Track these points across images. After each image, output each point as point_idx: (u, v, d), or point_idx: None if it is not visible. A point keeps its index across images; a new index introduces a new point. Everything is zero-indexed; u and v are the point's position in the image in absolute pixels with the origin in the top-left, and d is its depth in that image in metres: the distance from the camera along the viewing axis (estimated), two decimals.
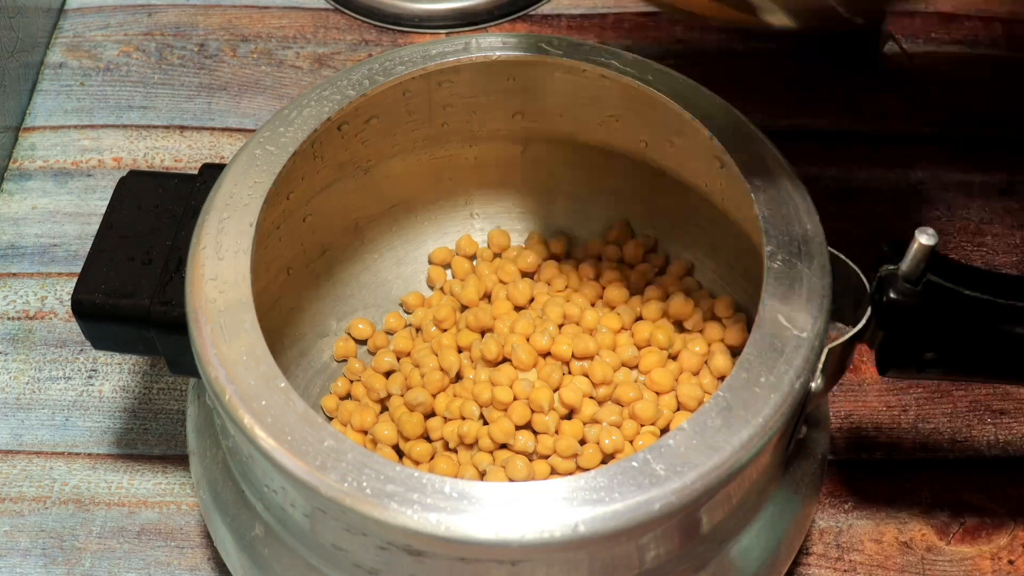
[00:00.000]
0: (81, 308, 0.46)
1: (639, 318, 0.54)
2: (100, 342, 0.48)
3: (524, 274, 0.56)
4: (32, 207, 0.66)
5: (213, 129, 0.69)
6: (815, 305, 0.42)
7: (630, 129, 0.52)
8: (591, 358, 0.52)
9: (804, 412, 0.44)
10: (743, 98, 0.69)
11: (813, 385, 0.42)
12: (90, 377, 0.59)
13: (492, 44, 0.51)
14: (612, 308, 0.54)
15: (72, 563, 0.53)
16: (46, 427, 0.58)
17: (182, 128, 0.69)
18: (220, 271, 0.43)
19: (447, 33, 0.73)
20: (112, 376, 0.59)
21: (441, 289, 0.57)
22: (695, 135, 0.48)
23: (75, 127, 0.69)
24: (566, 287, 0.56)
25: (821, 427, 0.49)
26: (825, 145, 0.68)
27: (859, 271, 0.45)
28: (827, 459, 0.49)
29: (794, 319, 0.42)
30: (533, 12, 0.74)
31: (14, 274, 0.63)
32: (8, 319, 0.61)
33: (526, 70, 0.51)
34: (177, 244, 0.46)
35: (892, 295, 0.43)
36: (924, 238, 0.42)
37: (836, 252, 0.45)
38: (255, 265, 0.45)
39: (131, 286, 0.46)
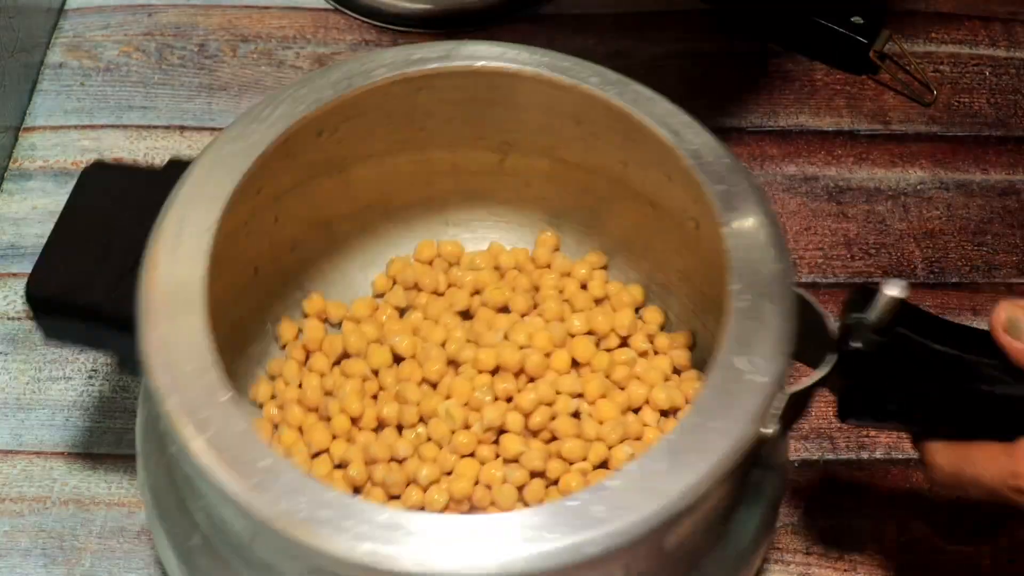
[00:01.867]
0: (34, 300, 0.45)
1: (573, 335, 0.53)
2: (51, 335, 0.47)
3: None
4: (32, 207, 0.66)
5: (213, 129, 0.69)
6: (776, 349, 0.41)
7: (609, 149, 0.51)
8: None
9: (757, 457, 0.42)
10: (743, 98, 0.70)
11: (768, 431, 0.41)
12: (90, 377, 0.59)
13: (474, 52, 0.50)
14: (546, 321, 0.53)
15: (72, 563, 0.53)
16: (46, 427, 0.58)
17: (182, 128, 0.69)
18: (175, 274, 0.42)
19: (447, 34, 0.73)
20: (112, 376, 0.59)
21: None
22: (674, 163, 0.47)
23: (75, 127, 0.69)
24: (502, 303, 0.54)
25: (776, 470, 0.47)
26: (825, 145, 0.68)
27: (824, 315, 0.44)
28: (781, 500, 0.48)
29: (753, 362, 0.41)
30: (534, 13, 0.74)
31: (14, 274, 0.63)
32: (8, 319, 0.61)
33: (507, 81, 0.50)
34: (137, 241, 0.44)
35: (856, 344, 0.42)
36: (894, 290, 0.41)
37: (804, 294, 0.44)
38: (220, 262, 0.43)
39: (86, 281, 0.44)
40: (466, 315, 0.54)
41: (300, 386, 0.52)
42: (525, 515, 0.38)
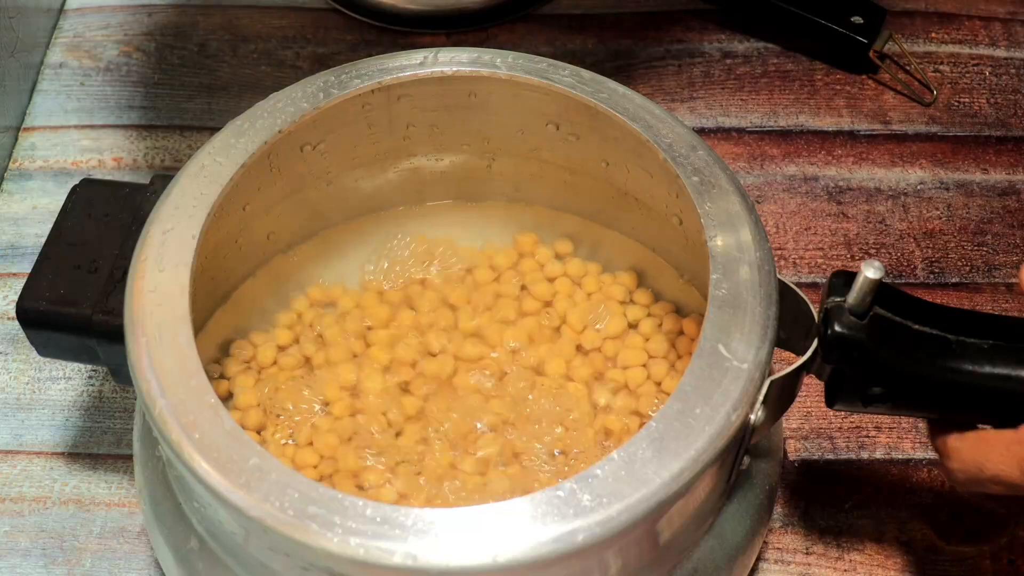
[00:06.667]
0: (26, 315, 0.46)
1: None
2: (44, 349, 0.48)
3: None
4: (32, 207, 0.66)
5: (213, 129, 0.68)
6: (757, 336, 0.41)
7: (590, 149, 0.52)
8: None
9: (745, 444, 0.43)
10: (743, 98, 0.70)
11: (753, 417, 0.41)
12: (90, 377, 0.59)
13: (449, 59, 0.50)
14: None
15: (72, 563, 0.53)
16: (46, 427, 0.58)
17: (182, 128, 0.69)
18: (159, 283, 0.43)
19: (447, 34, 0.73)
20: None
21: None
22: (651, 158, 0.47)
23: (75, 127, 0.69)
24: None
25: (770, 458, 0.47)
26: (825, 145, 0.68)
27: (808, 301, 0.44)
28: (776, 490, 0.48)
29: (735, 349, 0.41)
30: (533, 12, 0.74)
31: (14, 274, 0.63)
32: (8, 319, 0.61)
33: (482, 85, 0.50)
34: (123, 254, 0.46)
35: (837, 328, 0.42)
36: (870, 271, 0.41)
37: (786, 281, 0.44)
38: (209, 275, 0.44)
39: (75, 295, 0.46)
40: (459, 315, 0.54)
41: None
42: (514, 505, 0.38)
